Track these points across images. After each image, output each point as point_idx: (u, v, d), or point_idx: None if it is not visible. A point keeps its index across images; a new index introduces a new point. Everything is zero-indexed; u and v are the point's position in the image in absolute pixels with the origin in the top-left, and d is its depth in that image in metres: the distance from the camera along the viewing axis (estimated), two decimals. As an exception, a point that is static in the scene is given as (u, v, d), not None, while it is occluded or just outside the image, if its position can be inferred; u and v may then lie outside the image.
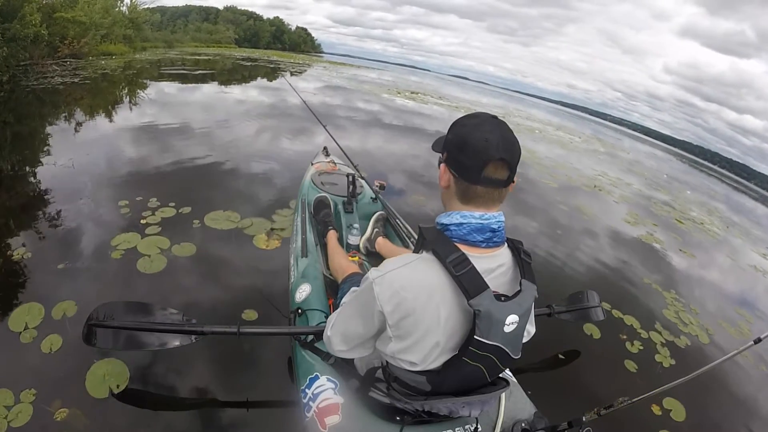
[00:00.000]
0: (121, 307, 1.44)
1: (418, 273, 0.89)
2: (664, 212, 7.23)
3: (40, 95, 6.99)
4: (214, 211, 3.10)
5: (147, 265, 2.38)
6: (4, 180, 3.39)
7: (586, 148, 14.56)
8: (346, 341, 1.03)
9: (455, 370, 0.94)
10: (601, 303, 2.42)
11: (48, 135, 4.85)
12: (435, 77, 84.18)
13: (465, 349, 0.90)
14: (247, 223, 3.04)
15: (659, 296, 3.57)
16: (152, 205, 3.08)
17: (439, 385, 0.98)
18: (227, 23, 51.20)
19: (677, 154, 59.44)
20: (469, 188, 0.90)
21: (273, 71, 19.52)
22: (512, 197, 4.92)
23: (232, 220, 3.05)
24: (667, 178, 14.01)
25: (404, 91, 19.01)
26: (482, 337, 0.88)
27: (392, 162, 5.87)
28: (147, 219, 2.87)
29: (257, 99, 9.58)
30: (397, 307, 0.89)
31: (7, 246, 2.38)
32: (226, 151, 4.88)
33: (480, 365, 0.93)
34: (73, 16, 12.07)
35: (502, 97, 51.88)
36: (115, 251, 2.47)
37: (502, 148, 0.87)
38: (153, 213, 2.95)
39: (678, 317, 3.25)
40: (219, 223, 2.99)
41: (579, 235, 4.71)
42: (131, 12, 18.77)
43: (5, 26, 8.58)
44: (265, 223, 3.10)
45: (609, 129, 53.63)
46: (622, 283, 3.70)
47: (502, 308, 0.88)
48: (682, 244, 5.54)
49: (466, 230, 0.90)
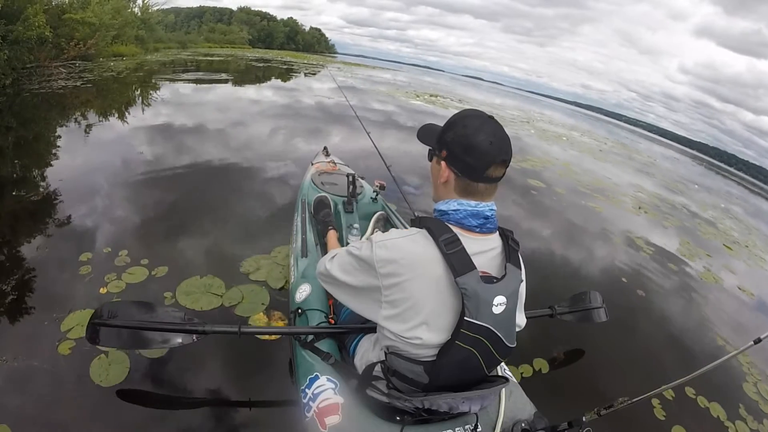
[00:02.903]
0: (124, 306, 1.43)
1: (416, 246, 0.96)
2: (710, 235, 6.46)
3: (34, 102, 6.47)
4: (192, 278, 2.31)
5: (102, 372, 1.66)
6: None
7: (614, 156, 13.76)
8: (344, 272, 1.06)
9: (450, 357, 0.96)
10: (604, 304, 2.32)
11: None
12: (450, 78, 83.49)
13: (457, 332, 0.93)
14: (236, 297, 2.23)
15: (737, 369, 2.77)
16: (120, 261, 2.38)
17: (436, 375, 0.99)
18: (241, 24, 51.18)
19: (693, 156, 57.86)
20: (470, 185, 0.98)
21: (286, 72, 19.05)
22: (565, 232, 4.54)
23: (215, 291, 2.25)
24: (698, 188, 13.31)
25: (423, 94, 18.23)
26: (472, 317, 0.92)
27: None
28: (109, 286, 2.17)
29: (271, 99, 9.04)
30: (391, 272, 0.95)
31: None
32: (219, 170, 4.26)
33: (473, 350, 0.96)
34: (83, 17, 11.69)
35: (517, 98, 50.87)
36: (64, 341, 1.77)
37: (504, 151, 0.96)
38: (118, 277, 2.24)
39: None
40: (196, 299, 2.17)
41: (642, 281, 3.95)
42: (143, 13, 18.46)
43: (9, 28, 8.18)
44: (262, 294, 2.28)
45: (624, 130, 52.46)
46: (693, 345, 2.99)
47: (488, 289, 0.94)
48: (739, 280, 4.76)
49: (462, 215, 0.98)
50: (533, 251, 3.76)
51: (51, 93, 7.12)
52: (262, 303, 2.23)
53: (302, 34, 72.11)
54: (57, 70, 9.73)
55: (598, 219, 5.38)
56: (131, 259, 2.40)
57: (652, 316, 3.20)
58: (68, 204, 3.02)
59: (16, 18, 8.41)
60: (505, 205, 4.86)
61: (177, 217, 3.09)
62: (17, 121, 5.32)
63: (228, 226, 3.03)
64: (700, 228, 6.69)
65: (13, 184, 3.40)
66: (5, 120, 5.28)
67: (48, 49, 9.90)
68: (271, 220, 3.21)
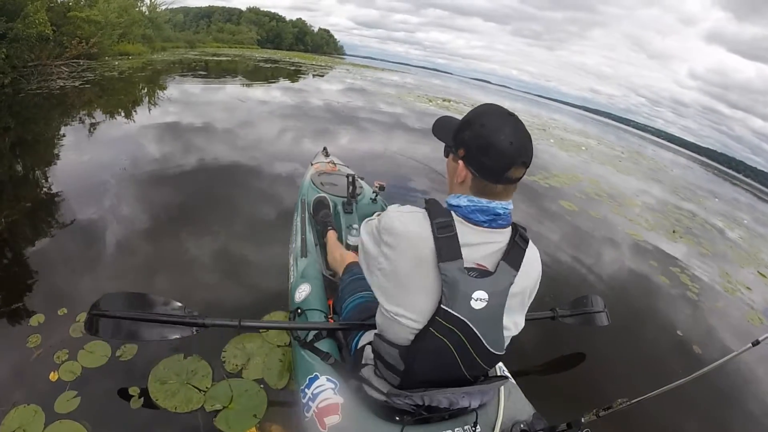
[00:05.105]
0: (123, 298, 1.40)
1: (413, 223, 0.95)
2: (744, 260, 5.96)
3: (35, 102, 6.12)
4: (175, 356, 1.73)
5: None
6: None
7: (632, 167, 13.29)
8: (367, 234, 1.07)
9: (423, 344, 0.96)
10: (606, 308, 2.28)
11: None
12: (458, 80, 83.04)
13: (433, 319, 0.93)
14: (222, 397, 1.62)
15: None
16: (76, 332, 1.76)
17: (410, 363, 1.00)
18: (250, 24, 51.12)
19: (702, 162, 56.87)
20: (488, 186, 0.93)
21: (295, 73, 18.70)
22: (607, 265, 4.05)
23: (197, 383, 1.65)
24: (718, 201, 12.87)
25: (435, 99, 17.68)
26: (448, 306, 0.91)
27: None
28: (61, 370, 1.60)
29: (279, 100, 8.64)
30: (388, 242, 0.96)
31: None
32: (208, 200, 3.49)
33: (447, 341, 0.94)
34: (88, 15, 11.41)
35: (526, 102, 50.29)
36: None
37: (525, 152, 0.90)
38: (72, 358, 1.65)
39: None
40: (172, 392, 1.60)
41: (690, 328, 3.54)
42: (151, 12, 18.23)
43: (8, 26, 7.90)
44: (258, 399, 1.65)
45: (633, 135, 51.58)
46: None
47: (470, 281, 0.91)
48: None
49: (469, 210, 0.94)
50: (578, 286, 3.37)
51: (49, 93, 6.77)
52: (254, 414, 1.58)
53: (311, 35, 72.07)
54: (59, 68, 9.45)
55: (639, 251, 4.88)
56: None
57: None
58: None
59: (16, 15, 8.14)
60: (541, 233, 4.43)
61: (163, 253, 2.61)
62: (16, 121, 5.03)
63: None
64: (732, 254, 6.20)
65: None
66: (3, 120, 4.98)
67: (50, 48, 9.62)
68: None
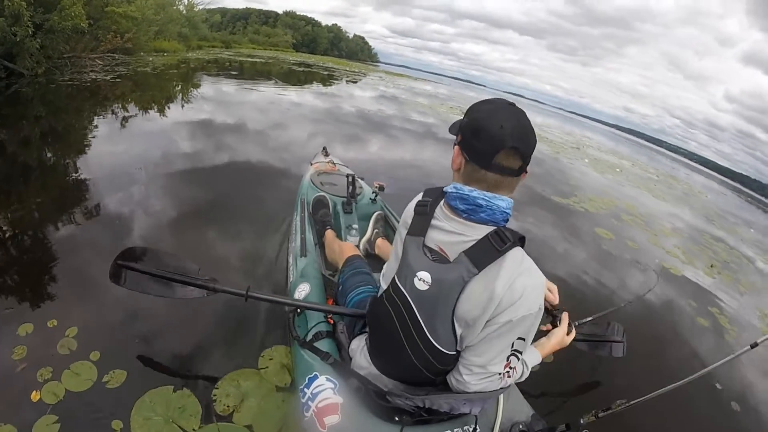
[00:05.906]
0: (147, 253, 1.42)
1: (413, 201, 1.06)
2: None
3: (51, 98, 6.11)
4: (164, 388, 1.51)
5: None
6: None
7: (667, 190, 12.58)
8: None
9: (376, 307, 1.09)
10: (625, 338, 2.12)
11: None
12: (491, 93, 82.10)
13: (387, 288, 1.03)
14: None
15: None
16: (64, 348, 1.59)
17: (369, 318, 1.17)
18: (286, 27, 51.96)
19: (733, 188, 53.98)
20: (477, 171, 0.91)
21: (328, 78, 18.63)
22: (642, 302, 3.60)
23: (183, 424, 1.39)
24: (754, 232, 11.98)
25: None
26: (398, 279, 1.00)
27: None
28: (44, 390, 1.41)
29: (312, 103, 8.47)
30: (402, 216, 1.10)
31: None
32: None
33: (390, 308, 1.02)
34: (125, 11, 11.60)
35: (558, 118, 48.97)
36: None
37: (516, 137, 0.87)
38: (56, 378, 1.46)
39: None
40: (156, 430, 1.37)
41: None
42: (188, 11, 18.58)
43: (45, 17, 8.00)
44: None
45: (665, 157, 49.46)
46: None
47: (419, 259, 0.96)
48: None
49: (452, 197, 0.94)
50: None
51: (80, 85, 6.84)
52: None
53: (346, 41, 72.92)
54: (93, 61, 9.56)
55: (679, 286, 4.36)
56: (78, 344, 1.62)
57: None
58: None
59: (53, 7, 8.26)
60: (577, 263, 4.03)
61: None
62: (48, 110, 5.10)
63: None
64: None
65: None
66: (35, 109, 5.07)
67: (86, 41, 9.74)
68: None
